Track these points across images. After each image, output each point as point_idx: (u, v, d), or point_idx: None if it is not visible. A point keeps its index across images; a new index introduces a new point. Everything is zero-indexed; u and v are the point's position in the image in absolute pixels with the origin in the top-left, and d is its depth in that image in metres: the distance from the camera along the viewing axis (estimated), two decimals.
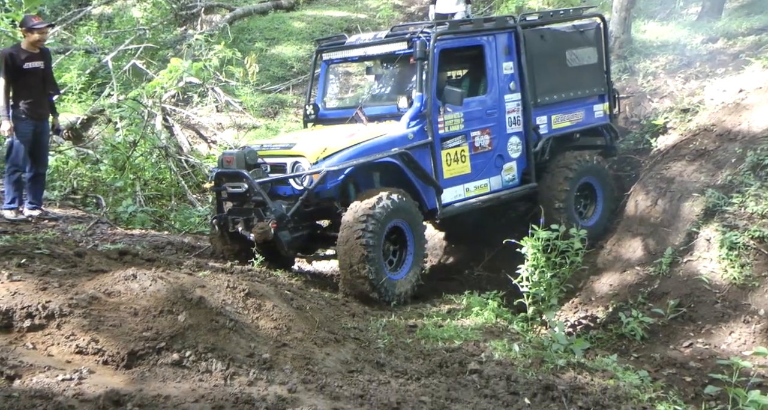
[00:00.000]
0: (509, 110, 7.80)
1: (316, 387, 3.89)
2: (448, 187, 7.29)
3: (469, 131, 7.46)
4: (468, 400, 4.21)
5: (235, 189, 6.71)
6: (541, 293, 6.36)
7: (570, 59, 8.40)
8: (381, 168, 6.93)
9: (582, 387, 4.65)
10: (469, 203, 7.50)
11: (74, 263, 5.10)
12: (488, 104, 7.66)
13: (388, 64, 7.98)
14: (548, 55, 8.17)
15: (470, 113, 7.46)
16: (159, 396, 3.31)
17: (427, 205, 7.11)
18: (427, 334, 5.52)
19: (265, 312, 4.51)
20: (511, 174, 7.88)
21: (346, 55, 8.04)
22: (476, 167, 7.54)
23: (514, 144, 7.88)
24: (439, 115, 7.16)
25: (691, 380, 6.07)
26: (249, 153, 6.71)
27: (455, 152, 7.35)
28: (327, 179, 6.46)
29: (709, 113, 8.73)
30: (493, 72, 7.69)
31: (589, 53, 8.59)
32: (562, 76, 8.32)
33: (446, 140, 7.26)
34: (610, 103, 8.85)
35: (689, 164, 8.14)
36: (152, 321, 3.96)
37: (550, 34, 8.36)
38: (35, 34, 7.59)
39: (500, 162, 7.78)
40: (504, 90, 7.77)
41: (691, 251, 7.29)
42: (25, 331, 3.76)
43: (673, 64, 10.54)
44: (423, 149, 7.06)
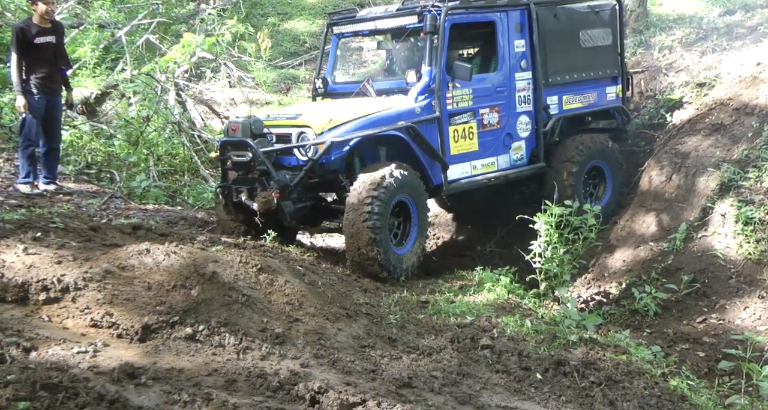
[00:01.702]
0: (519, 89, 7.72)
1: (328, 361, 3.92)
2: (455, 163, 7.23)
3: (478, 108, 7.38)
4: (480, 375, 4.22)
5: (240, 158, 6.65)
6: (553, 269, 6.35)
7: (583, 39, 8.28)
8: (387, 142, 6.88)
9: (594, 362, 4.65)
10: (476, 181, 7.46)
11: (89, 238, 5.13)
12: (498, 81, 7.59)
13: (398, 39, 7.87)
14: (561, 35, 8.06)
15: (479, 90, 7.39)
16: (173, 370, 3.34)
17: (432, 180, 7.06)
18: (439, 310, 5.53)
19: (278, 287, 4.53)
20: (519, 153, 7.82)
21: (356, 28, 7.96)
22: (484, 144, 7.48)
23: (524, 123, 7.81)
24: (447, 90, 7.10)
25: (705, 355, 6.06)
26: (255, 122, 6.66)
27: (463, 129, 7.28)
28: (331, 150, 6.42)
29: (726, 87, 8.62)
30: (504, 49, 7.61)
31: (603, 34, 8.47)
32: (575, 56, 8.21)
33: (454, 116, 7.19)
34: (623, 85, 8.75)
35: (705, 139, 8.06)
36: (166, 295, 3.99)
37: (564, 13, 8.23)
38: (40, 4, 7.55)
39: (509, 141, 7.72)
40: (515, 68, 7.69)
41: (706, 227, 7.24)
42: (40, 304, 3.80)
43: (689, 38, 10.40)
44: (430, 123, 6.98)
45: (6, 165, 8.69)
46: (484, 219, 9.03)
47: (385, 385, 3.72)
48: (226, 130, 6.89)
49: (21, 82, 7.48)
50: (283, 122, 6.93)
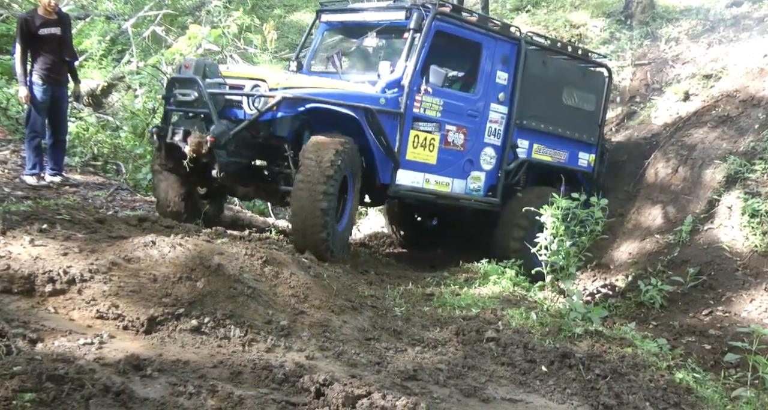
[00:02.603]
0: (492, 120, 7.49)
1: (334, 354, 3.92)
2: (408, 169, 6.91)
3: (445, 123, 7.11)
4: (485, 368, 4.23)
5: (185, 96, 6.33)
6: (559, 262, 6.34)
7: (566, 96, 8.14)
8: (341, 123, 6.44)
9: (599, 355, 4.65)
10: (424, 194, 7.15)
11: (95, 229, 5.14)
12: (472, 104, 7.34)
13: (382, 35, 7.53)
14: (545, 83, 7.88)
15: (450, 105, 7.12)
16: (178, 362, 3.35)
17: (380, 177, 6.75)
18: (444, 302, 5.54)
19: (283, 280, 4.54)
20: (477, 184, 7.51)
21: (344, 19, 7.78)
22: (443, 161, 7.17)
23: (489, 156, 7.53)
24: (418, 93, 6.84)
25: (711, 348, 6.05)
26: (210, 65, 6.40)
27: (425, 138, 6.98)
28: (281, 105, 6.11)
29: (733, 79, 8.58)
30: (485, 76, 7.40)
31: (587, 99, 8.34)
32: (554, 108, 8.02)
33: (419, 121, 6.91)
34: (597, 157, 8.51)
35: (711, 131, 8.03)
36: (171, 288, 3.99)
37: (553, 64, 8.09)
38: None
39: (469, 168, 7.42)
40: (492, 98, 7.47)
41: (712, 219, 7.22)
42: (47, 295, 3.80)
43: (696, 30, 10.35)
44: (392, 118, 6.68)
45: (12, 157, 8.71)
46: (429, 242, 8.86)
47: (390, 378, 3.73)
48: (179, 67, 6.59)
49: (24, 73, 7.48)
50: (238, 73, 6.70)
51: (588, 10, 12.09)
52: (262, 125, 6.31)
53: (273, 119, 6.29)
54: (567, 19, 11.92)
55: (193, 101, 6.29)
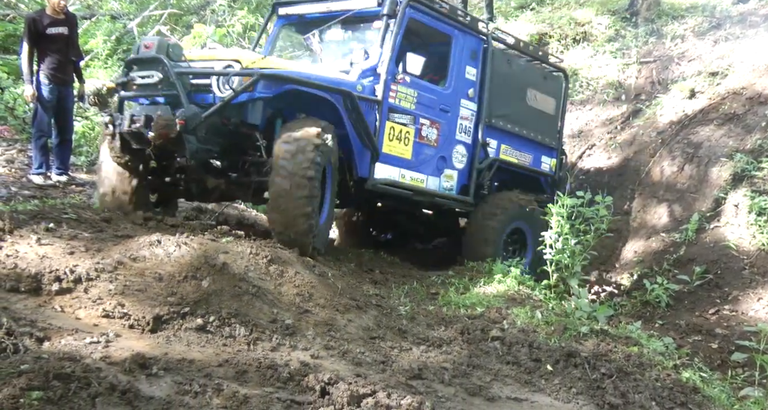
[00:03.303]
0: (462, 116, 7.27)
1: (339, 353, 3.93)
2: (385, 164, 6.57)
3: (419, 116, 6.81)
4: (490, 367, 4.22)
5: (146, 79, 5.70)
6: (564, 260, 6.33)
7: (530, 98, 8.02)
8: (316, 112, 6.00)
9: (605, 353, 4.64)
10: (402, 190, 6.80)
11: (101, 229, 5.15)
12: (444, 99, 7.09)
13: (350, 26, 7.21)
14: (511, 82, 7.75)
15: (424, 98, 6.85)
16: (184, 360, 3.36)
17: (358, 170, 6.35)
18: (449, 301, 5.53)
19: (288, 279, 4.54)
20: (450, 183, 7.25)
21: (304, 11, 7.32)
22: (418, 156, 6.89)
23: (460, 154, 7.32)
24: (393, 82, 6.52)
25: (718, 347, 6.04)
26: (173, 45, 5.81)
27: (400, 130, 6.66)
28: (258, 85, 5.58)
29: (739, 76, 8.55)
30: (455, 70, 7.20)
31: (548, 102, 8.26)
32: (520, 109, 7.89)
33: (394, 112, 6.57)
34: (558, 162, 8.44)
35: (717, 129, 8.01)
36: (177, 286, 4.00)
37: (517, 63, 8.00)
38: None
39: (442, 165, 7.16)
40: (462, 93, 7.26)
41: (719, 217, 7.21)
42: (53, 294, 3.82)
43: (702, 27, 10.31)
44: (370, 105, 6.29)
45: (19, 156, 8.75)
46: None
47: (395, 376, 3.73)
48: (136, 48, 5.92)
49: (31, 72, 7.51)
50: (207, 56, 6.11)
51: (593, 7, 12.06)
52: (233, 111, 5.81)
53: (245, 105, 5.80)
54: (572, 17, 11.90)
55: (156, 83, 5.67)
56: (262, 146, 5.80)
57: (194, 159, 5.74)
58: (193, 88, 5.75)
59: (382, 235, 8.72)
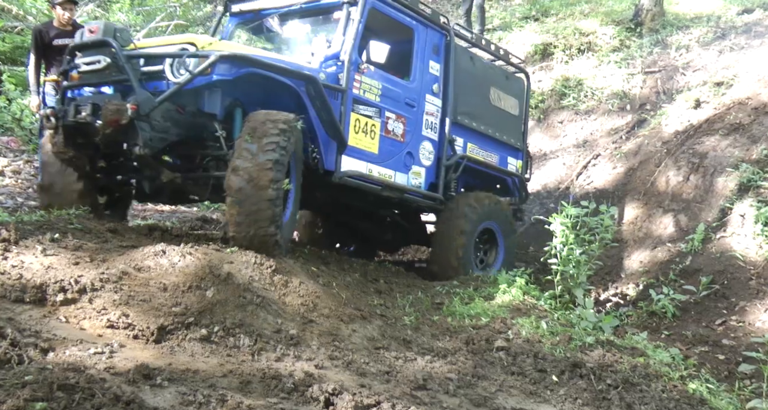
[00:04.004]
0: (428, 112, 7.11)
1: (343, 363, 3.92)
2: (352, 157, 6.29)
3: (384, 109, 6.62)
4: (495, 377, 4.21)
5: (92, 65, 5.30)
6: (569, 271, 6.31)
7: (493, 97, 7.93)
8: (277, 101, 5.72)
9: (611, 364, 4.61)
10: (371, 184, 6.56)
11: (106, 239, 5.15)
12: (409, 93, 6.92)
13: (308, 19, 7.02)
14: (474, 80, 7.66)
15: (389, 91, 6.67)
16: (188, 371, 3.35)
17: (324, 162, 6.03)
18: (453, 311, 5.52)
19: (292, 289, 4.54)
20: (418, 180, 7.05)
21: (260, 7, 7.01)
22: (385, 151, 6.66)
23: (427, 150, 7.14)
24: (357, 72, 6.29)
25: (725, 358, 5.99)
26: (121, 29, 5.41)
27: (366, 123, 6.42)
28: (216, 67, 5.21)
29: (744, 86, 8.55)
30: (419, 64, 7.05)
31: (511, 103, 8.20)
32: (484, 108, 7.80)
33: (359, 103, 6.33)
34: (524, 164, 8.38)
35: (723, 139, 7.99)
36: (181, 297, 4.01)
37: (480, 62, 7.93)
38: (58, 9, 7.64)
39: (410, 161, 6.96)
40: (427, 88, 7.10)
41: (725, 227, 7.18)
42: (58, 305, 3.82)
43: (707, 37, 10.32)
44: (334, 94, 6.02)
45: (26, 167, 8.78)
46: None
47: (400, 387, 3.72)
48: (80, 34, 5.51)
49: (37, 83, 7.55)
50: (158, 41, 5.83)
51: (597, 17, 12.09)
52: (189, 99, 5.47)
53: (201, 92, 5.48)
54: (576, 27, 11.93)
55: (104, 69, 5.26)
56: (221, 137, 5.40)
57: (148, 148, 5.26)
58: (145, 76, 5.34)
59: (346, 247, 8.45)
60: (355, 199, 6.99)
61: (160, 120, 5.30)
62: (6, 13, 12.70)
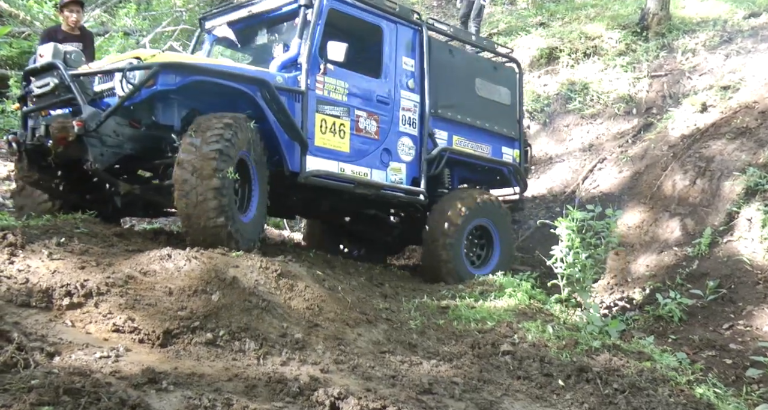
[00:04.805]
0: (404, 108, 7.14)
1: (348, 367, 3.91)
2: (320, 157, 6.37)
3: (353, 108, 6.68)
4: (501, 381, 4.20)
5: (43, 88, 5.51)
6: (575, 275, 6.29)
7: (479, 88, 7.89)
8: (236, 108, 5.81)
9: (617, 369, 4.60)
10: (341, 182, 6.59)
11: (112, 243, 5.17)
12: (381, 90, 6.96)
13: (277, 27, 7.11)
14: (455, 72, 7.65)
15: (356, 89, 6.72)
16: (193, 375, 3.36)
17: (289, 164, 6.12)
18: (459, 315, 5.51)
19: (298, 293, 4.54)
20: (398, 176, 7.06)
21: (231, 20, 7.19)
22: (357, 150, 6.73)
23: (407, 146, 7.15)
24: (318, 73, 6.37)
25: (732, 362, 5.97)
26: (73, 52, 5.64)
27: (333, 123, 6.49)
28: (159, 78, 5.34)
29: (751, 90, 8.53)
30: (390, 61, 7.09)
31: (501, 92, 8.15)
32: (468, 99, 7.76)
33: (324, 104, 6.41)
34: (521, 153, 8.29)
35: (729, 143, 7.97)
36: (187, 301, 4.01)
37: (461, 54, 7.94)
38: (65, 12, 7.68)
39: (387, 158, 6.99)
40: (401, 84, 7.14)
41: (732, 232, 7.15)
42: (64, 309, 3.83)
43: (713, 41, 10.30)
44: (292, 97, 6.13)
45: None
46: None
47: (406, 391, 3.71)
48: (32, 59, 5.78)
49: None
50: (110, 60, 5.99)
51: (603, 22, 12.08)
52: (143, 112, 5.61)
53: (153, 105, 5.63)
54: (582, 31, 11.92)
55: (53, 89, 5.47)
56: (179, 147, 5.36)
57: (99, 163, 5.40)
58: (97, 95, 5.56)
59: (354, 251, 8.51)
60: (332, 199, 7.03)
61: (112, 135, 5.44)
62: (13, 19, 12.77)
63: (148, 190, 5.88)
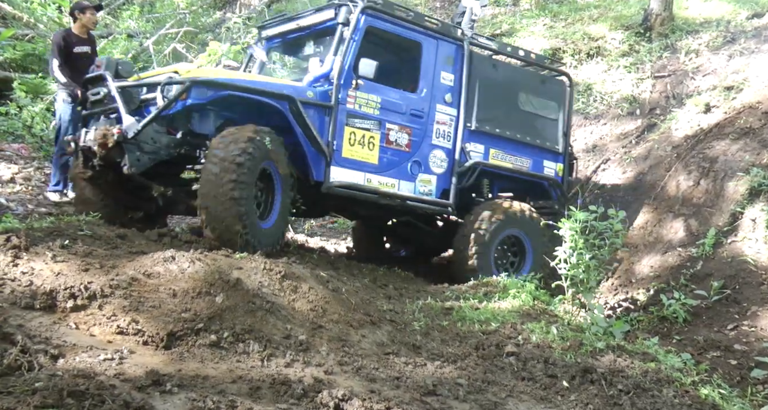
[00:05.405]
0: (439, 121, 7.29)
1: (352, 369, 3.91)
2: (347, 168, 6.65)
3: (385, 121, 6.92)
4: (505, 383, 4.19)
5: (96, 95, 6.13)
6: (579, 275, 6.28)
7: (523, 102, 7.94)
8: (269, 119, 6.17)
9: (622, 370, 4.59)
10: (364, 193, 6.81)
11: (115, 245, 5.18)
12: (416, 104, 7.15)
13: (320, 40, 7.42)
14: (497, 86, 7.71)
15: (390, 103, 6.95)
16: (197, 377, 3.35)
17: (313, 173, 6.48)
18: (463, 316, 5.50)
19: (302, 294, 4.54)
20: (428, 187, 7.24)
21: (283, 30, 7.61)
22: (386, 161, 6.95)
23: (439, 158, 7.31)
24: (351, 88, 6.65)
25: (737, 363, 5.95)
26: (123, 62, 6.22)
27: (363, 136, 6.76)
28: (191, 93, 5.82)
29: (755, 91, 8.51)
30: (429, 76, 7.25)
31: (547, 106, 8.14)
32: (510, 113, 7.83)
33: (354, 117, 6.69)
34: (565, 167, 8.29)
35: (733, 143, 7.95)
36: (190, 302, 4.01)
37: (504, 68, 7.99)
38: (88, 14, 7.79)
39: (417, 170, 7.17)
40: (438, 98, 7.30)
41: (736, 232, 7.14)
42: (68, 311, 3.83)
43: (716, 42, 10.28)
44: (321, 111, 6.47)
45: (36, 174, 8.83)
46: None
47: (410, 393, 3.71)
48: (91, 69, 6.39)
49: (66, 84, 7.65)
50: (156, 72, 6.54)
51: (606, 22, 12.06)
52: (179, 121, 6.08)
53: (191, 114, 6.05)
54: (585, 32, 11.90)
55: (103, 98, 6.08)
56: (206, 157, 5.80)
57: (135, 167, 5.88)
58: (143, 103, 6.04)
59: (401, 251, 8.74)
60: (357, 207, 7.25)
61: (150, 142, 5.95)
62: (17, 21, 12.80)
63: (179, 193, 6.25)
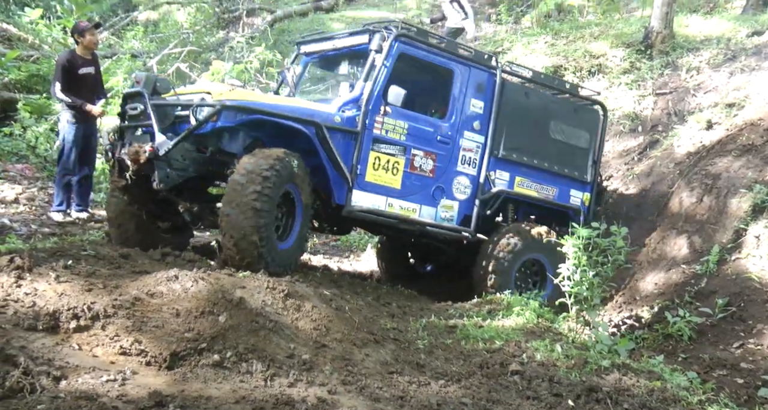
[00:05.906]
0: (466, 148, 7.34)
1: (356, 388, 3.89)
2: (368, 191, 6.74)
3: (411, 147, 6.98)
4: (510, 402, 4.16)
5: (133, 110, 6.33)
6: (583, 293, 6.26)
7: (553, 130, 7.93)
8: (295, 141, 6.32)
9: (627, 388, 4.56)
10: (384, 218, 6.90)
11: (119, 265, 5.19)
12: (443, 131, 7.20)
13: (353, 62, 7.61)
14: (528, 114, 7.72)
15: (416, 129, 7.01)
16: (200, 398, 3.34)
17: (335, 197, 6.60)
18: (467, 335, 5.48)
19: (305, 313, 4.53)
20: (449, 213, 7.30)
21: (320, 48, 7.77)
22: (408, 186, 7.02)
23: (462, 185, 7.36)
24: (378, 114, 6.74)
25: (743, 382, 5.89)
26: (161, 80, 6.40)
27: (387, 160, 6.84)
28: (221, 115, 5.95)
29: (756, 108, 8.53)
30: (458, 103, 7.29)
31: (578, 135, 8.12)
32: (539, 142, 7.83)
33: (380, 142, 6.79)
34: (592, 196, 8.27)
35: (736, 160, 7.95)
36: (193, 322, 4.00)
37: (537, 96, 7.98)
38: (87, 36, 7.83)
39: (439, 195, 7.23)
40: (466, 125, 7.33)
41: (740, 249, 7.11)
42: (71, 332, 3.82)
43: (717, 59, 10.32)
44: (347, 136, 6.56)
45: (40, 194, 8.85)
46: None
47: None
48: (132, 84, 6.67)
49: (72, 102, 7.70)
50: (191, 89, 6.65)
51: (607, 40, 12.12)
52: (210, 140, 6.21)
53: (221, 133, 6.16)
54: (587, 50, 11.96)
55: (139, 114, 6.26)
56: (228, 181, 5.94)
57: (164, 184, 6.05)
58: (178, 120, 6.17)
59: (425, 267, 8.85)
60: (376, 229, 7.42)
61: (180, 159, 6.12)
62: (22, 42, 12.90)
63: (203, 210, 6.46)
